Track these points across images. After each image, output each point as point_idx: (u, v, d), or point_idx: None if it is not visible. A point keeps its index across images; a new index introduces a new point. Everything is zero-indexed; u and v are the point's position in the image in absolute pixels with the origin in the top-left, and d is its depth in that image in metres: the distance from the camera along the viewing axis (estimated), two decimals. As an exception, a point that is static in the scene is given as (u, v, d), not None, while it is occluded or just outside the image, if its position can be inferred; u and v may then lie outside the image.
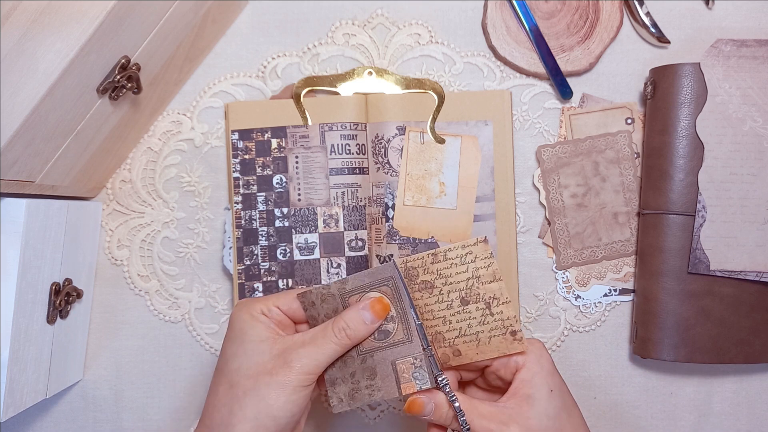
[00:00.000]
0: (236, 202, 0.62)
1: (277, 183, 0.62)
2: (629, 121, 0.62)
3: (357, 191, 0.61)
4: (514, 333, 0.50)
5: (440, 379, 0.48)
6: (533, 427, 0.47)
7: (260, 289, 0.62)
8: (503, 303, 0.50)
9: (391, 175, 0.62)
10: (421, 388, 0.48)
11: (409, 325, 0.49)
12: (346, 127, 0.62)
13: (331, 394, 0.50)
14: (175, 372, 0.64)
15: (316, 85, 0.63)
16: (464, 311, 0.50)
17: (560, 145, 0.63)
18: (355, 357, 0.49)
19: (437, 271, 0.51)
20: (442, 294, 0.51)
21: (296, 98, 0.62)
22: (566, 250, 0.62)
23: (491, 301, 0.50)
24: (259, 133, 0.62)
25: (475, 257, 0.50)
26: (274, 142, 0.62)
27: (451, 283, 0.51)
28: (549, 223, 0.63)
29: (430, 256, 0.50)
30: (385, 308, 0.49)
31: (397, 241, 0.62)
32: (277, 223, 0.62)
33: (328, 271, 0.61)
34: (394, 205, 0.62)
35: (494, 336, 0.50)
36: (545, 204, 0.62)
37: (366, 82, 0.63)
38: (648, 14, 0.63)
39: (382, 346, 0.49)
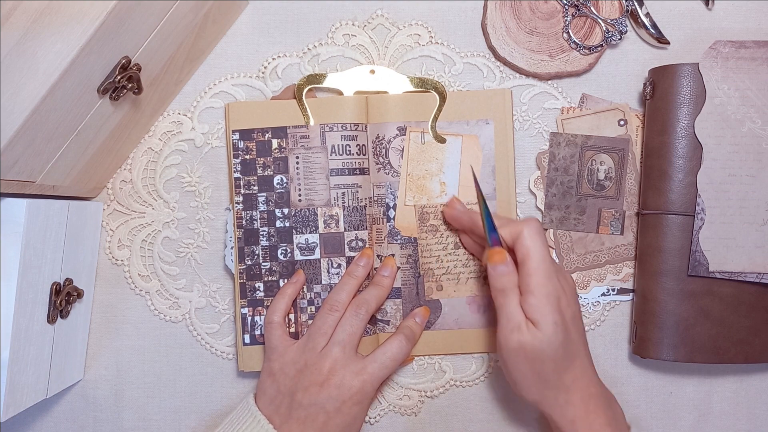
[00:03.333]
0: (237, 203, 0.62)
1: (277, 183, 0.62)
2: (622, 122, 0.63)
3: (357, 192, 0.62)
4: (486, 278, 0.61)
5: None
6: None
7: (261, 288, 0.62)
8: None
9: (392, 175, 0.62)
10: (612, 233, 0.61)
11: (620, 188, 0.61)
12: (346, 127, 0.62)
13: (546, 214, 0.62)
14: (175, 372, 0.64)
15: (319, 82, 0.63)
16: (454, 254, 0.62)
17: (560, 147, 0.63)
18: (573, 195, 0.62)
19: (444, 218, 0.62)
20: (443, 237, 0.62)
21: (298, 95, 0.62)
22: (569, 255, 0.62)
23: None
24: (260, 134, 0.62)
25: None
26: (275, 143, 0.62)
27: (450, 230, 0.62)
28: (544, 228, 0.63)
29: (441, 206, 0.62)
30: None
31: (398, 241, 0.62)
32: (278, 224, 0.62)
33: (328, 272, 0.61)
34: (395, 205, 0.62)
35: (471, 278, 0.62)
36: (542, 209, 0.63)
37: (368, 80, 0.63)
38: (648, 15, 0.63)
39: (596, 195, 0.61)
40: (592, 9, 0.62)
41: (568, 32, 0.62)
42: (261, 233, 0.62)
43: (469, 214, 0.59)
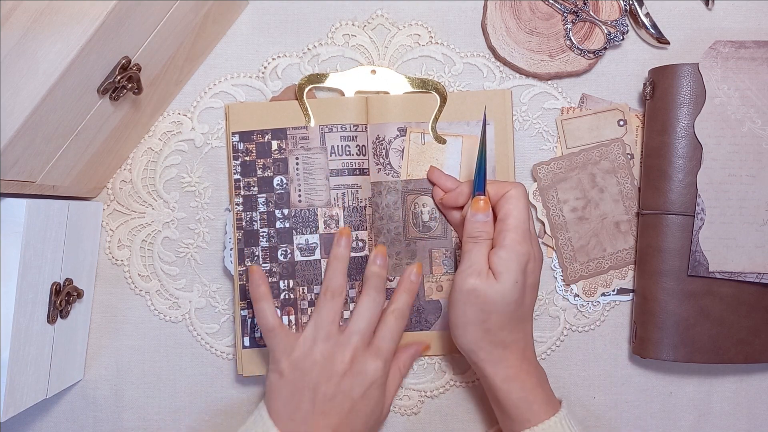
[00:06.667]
0: (237, 204, 0.62)
1: (277, 184, 0.62)
2: (621, 122, 0.63)
3: (357, 192, 0.62)
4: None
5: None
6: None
7: (261, 289, 0.62)
8: None
9: (392, 176, 0.62)
10: (447, 272, 0.62)
11: (446, 226, 0.62)
12: (346, 128, 0.62)
13: None
14: (175, 372, 0.64)
15: (320, 82, 0.63)
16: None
17: (555, 162, 0.62)
18: (402, 241, 0.62)
19: None
20: None
21: (299, 94, 0.62)
22: (572, 264, 0.62)
23: None
24: (260, 135, 0.62)
25: None
26: (275, 144, 0.62)
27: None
28: (547, 234, 0.63)
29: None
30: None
31: (397, 242, 0.62)
32: (278, 225, 0.62)
33: (328, 272, 0.61)
34: (395, 205, 0.62)
35: None
36: (543, 220, 0.62)
37: (369, 81, 0.63)
38: (648, 15, 0.63)
39: (424, 237, 0.62)
40: (591, 13, 0.62)
41: (570, 39, 0.62)
42: (261, 234, 0.62)
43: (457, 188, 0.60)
